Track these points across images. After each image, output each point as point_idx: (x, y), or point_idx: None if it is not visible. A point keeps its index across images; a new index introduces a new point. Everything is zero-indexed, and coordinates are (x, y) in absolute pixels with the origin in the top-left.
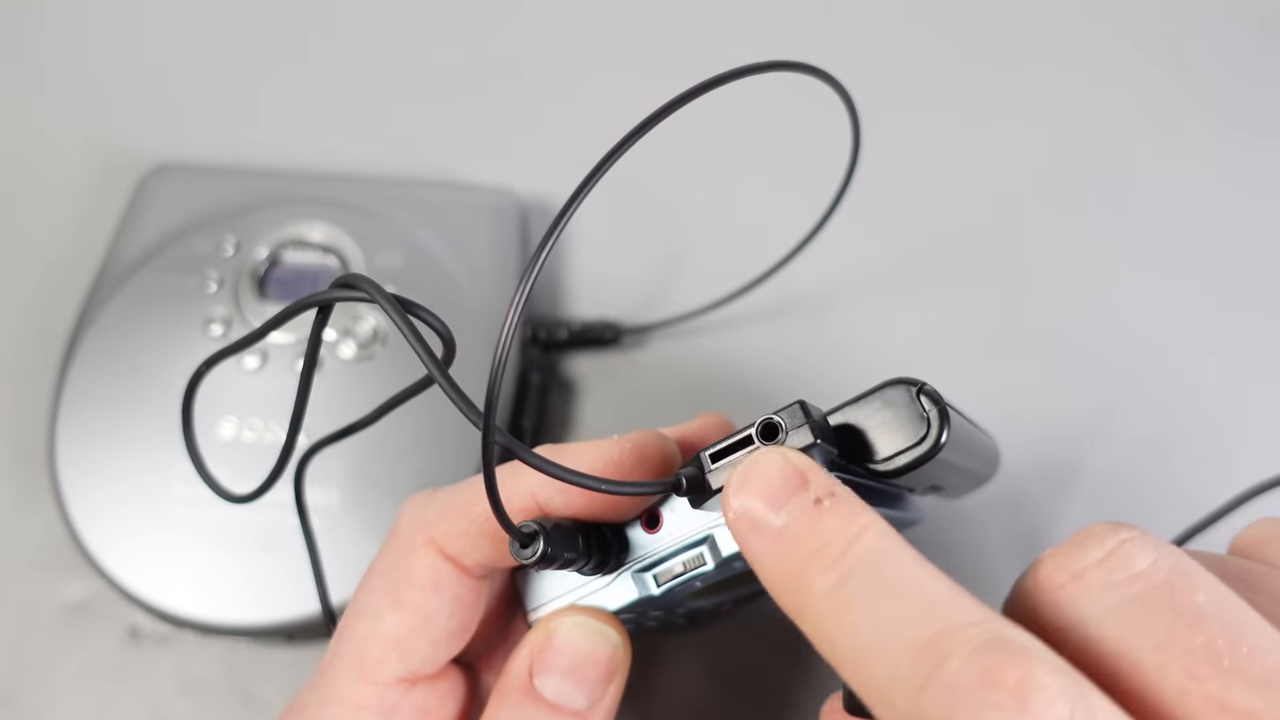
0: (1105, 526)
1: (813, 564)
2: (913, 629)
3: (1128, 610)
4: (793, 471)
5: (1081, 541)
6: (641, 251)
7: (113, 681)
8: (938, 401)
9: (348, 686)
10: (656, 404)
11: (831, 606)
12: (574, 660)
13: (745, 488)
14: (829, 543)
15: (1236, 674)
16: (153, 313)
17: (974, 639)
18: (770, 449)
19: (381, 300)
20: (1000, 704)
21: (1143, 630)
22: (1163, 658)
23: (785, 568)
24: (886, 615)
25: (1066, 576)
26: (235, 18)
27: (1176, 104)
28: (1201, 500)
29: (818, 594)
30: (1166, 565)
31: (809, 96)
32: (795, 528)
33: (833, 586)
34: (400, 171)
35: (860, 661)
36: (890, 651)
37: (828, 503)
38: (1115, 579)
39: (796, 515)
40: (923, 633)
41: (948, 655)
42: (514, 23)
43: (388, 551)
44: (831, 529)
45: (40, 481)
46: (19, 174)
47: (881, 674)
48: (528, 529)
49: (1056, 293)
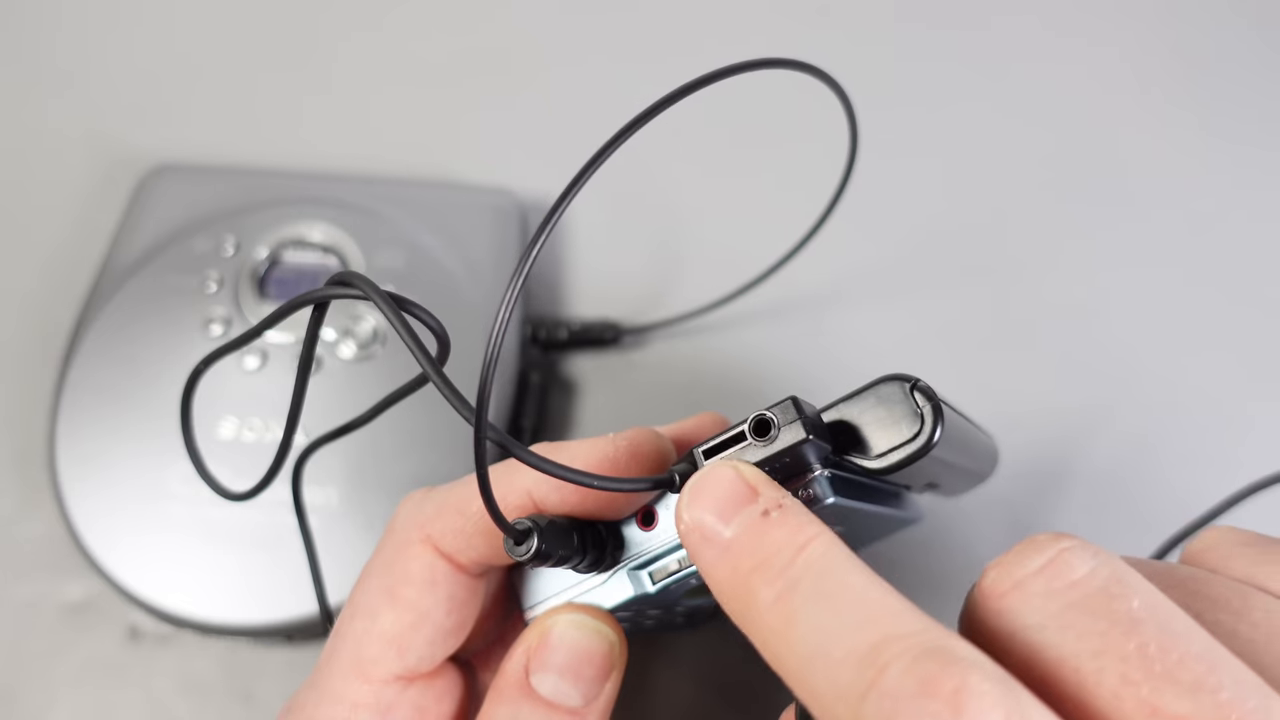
0: (1046, 536)
1: (759, 575)
2: (853, 639)
3: (1066, 617)
4: (743, 484)
5: (1023, 551)
6: (641, 252)
7: (113, 681)
8: (932, 397)
9: (344, 685)
10: (656, 404)
11: (776, 618)
12: (570, 658)
13: (696, 500)
14: (775, 554)
15: (1168, 678)
16: (153, 312)
17: (913, 648)
18: (722, 461)
19: (375, 297)
20: (937, 712)
21: (1080, 637)
22: (1099, 664)
23: (733, 579)
24: (828, 626)
25: (1008, 585)
26: (235, 18)
27: (1174, 103)
28: (1198, 498)
29: (763, 605)
30: (1104, 573)
31: (808, 96)
32: (743, 539)
33: (777, 597)
34: (400, 171)
35: (804, 673)
36: (832, 662)
37: (775, 514)
38: (1054, 586)
39: (745, 527)
40: (863, 642)
41: (887, 664)
42: (515, 22)
43: (384, 549)
44: (778, 540)
45: (40, 481)
46: (19, 174)
47: (824, 685)
48: (522, 526)
49: (1054, 291)
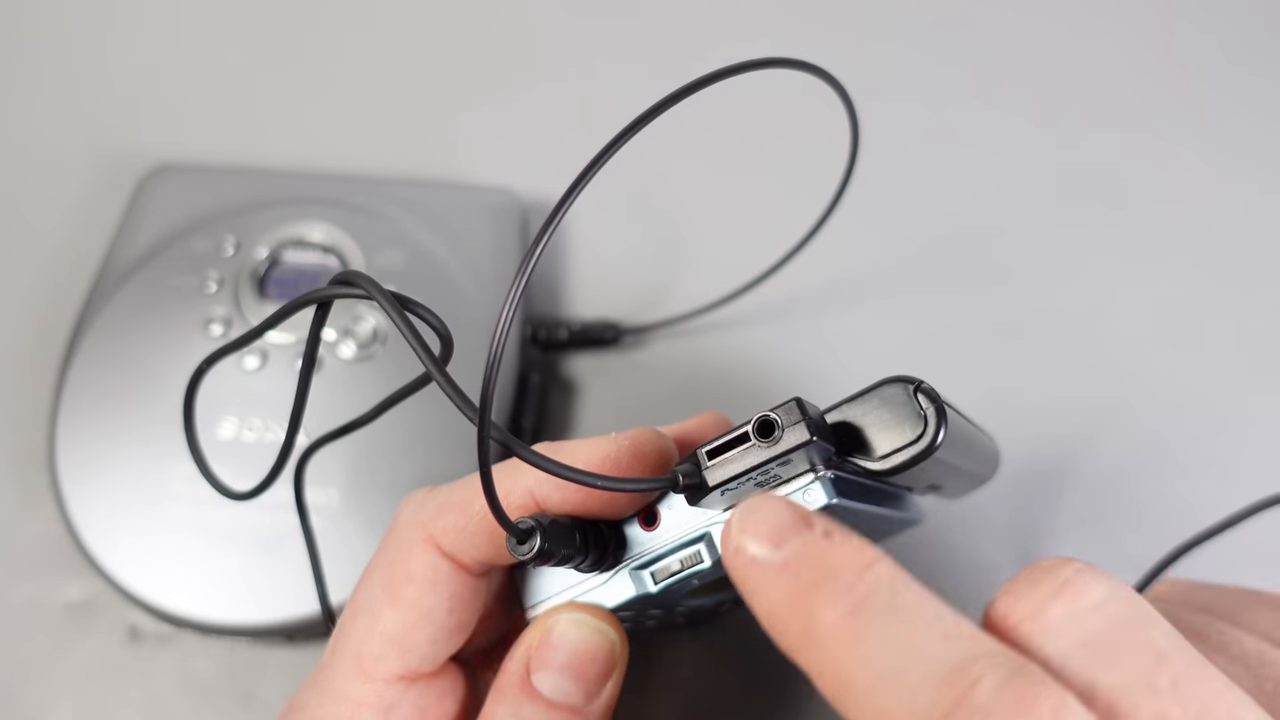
0: (1053, 561)
1: (820, 594)
2: (936, 654)
3: (1093, 647)
4: (797, 511)
5: (1033, 577)
6: (641, 252)
7: (113, 681)
8: (935, 399)
9: (347, 684)
10: (656, 404)
11: (842, 637)
12: (571, 657)
13: (748, 523)
14: (839, 572)
15: (1206, 716)
16: (153, 313)
17: (1003, 665)
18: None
19: (379, 297)
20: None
21: (1110, 667)
22: (1135, 700)
23: (790, 600)
24: (904, 642)
25: (1026, 612)
26: (235, 17)
27: (1178, 102)
28: (1200, 500)
29: (826, 625)
30: (1121, 599)
31: (810, 96)
32: (803, 557)
33: (843, 616)
34: (400, 171)
35: (875, 692)
36: (909, 682)
37: (838, 536)
38: (1074, 610)
39: (803, 547)
40: (947, 658)
41: (978, 679)
42: (515, 22)
43: (386, 549)
44: (842, 559)
45: (40, 481)
46: (20, 174)
47: (899, 704)
48: (524, 524)
49: (1056, 292)
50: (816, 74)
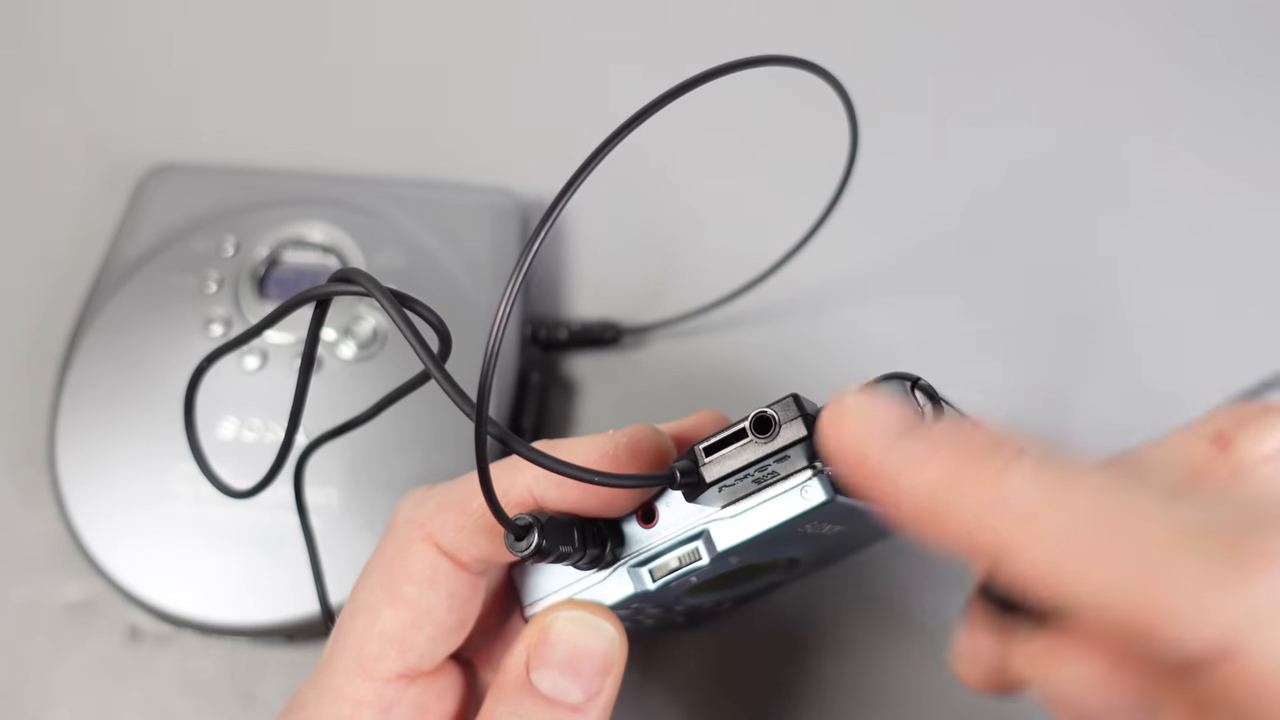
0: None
1: (997, 459)
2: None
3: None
4: (898, 397)
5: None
6: (641, 251)
7: (113, 681)
8: (932, 396)
9: (346, 683)
10: (656, 403)
11: (1047, 488)
12: (570, 654)
13: (869, 411)
14: (999, 438)
15: None
16: (153, 313)
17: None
18: (866, 393)
19: (378, 294)
20: None
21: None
22: None
23: (952, 475)
24: (1127, 485)
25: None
26: (235, 18)
27: (1179, 102)
28: None
29: (1016, 485)
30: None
31: (809, 95)
32: (954, 434)
33: (1034, 471)
34: (400, 171)
35: (1113, 538)
36: (1167, 520)
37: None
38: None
39: (947, 425)
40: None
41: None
42: (515, 21)
43: (385, 548)
44: (986, 430)
45: (40, 481)
46: (19, 174)
47: (1163, 534)
48: (522, 521)
49: (1055, 291)
50: (815, 72)
